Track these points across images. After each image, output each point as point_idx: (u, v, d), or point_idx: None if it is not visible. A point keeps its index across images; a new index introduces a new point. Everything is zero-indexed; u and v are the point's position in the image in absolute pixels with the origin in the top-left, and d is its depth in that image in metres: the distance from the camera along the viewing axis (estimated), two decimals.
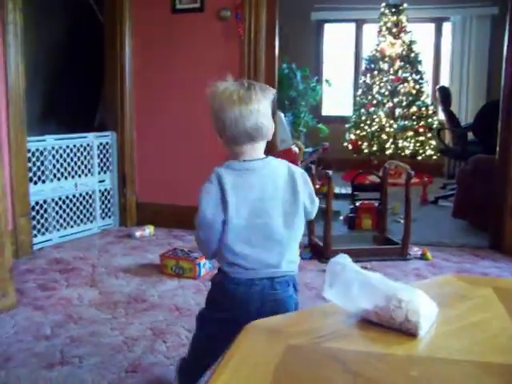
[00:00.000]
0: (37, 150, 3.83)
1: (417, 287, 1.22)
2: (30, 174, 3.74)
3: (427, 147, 7.03)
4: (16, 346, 2.32)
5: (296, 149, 5.53)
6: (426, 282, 1.74)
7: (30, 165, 3.73)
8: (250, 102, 1.56)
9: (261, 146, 1.64)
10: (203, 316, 1.78)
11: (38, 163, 3.86)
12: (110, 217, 4.42)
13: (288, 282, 1.64)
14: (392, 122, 7.03)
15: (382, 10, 7.22)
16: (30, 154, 3.73)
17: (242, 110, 1.55)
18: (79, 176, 4.15)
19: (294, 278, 1.67)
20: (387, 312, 1.14)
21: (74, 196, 4.12)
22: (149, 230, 4.12)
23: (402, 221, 4.10)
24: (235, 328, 1.19)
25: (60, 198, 4.02)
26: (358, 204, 4.33)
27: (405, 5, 7.16)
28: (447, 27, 7.88)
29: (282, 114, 5.09)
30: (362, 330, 1.18)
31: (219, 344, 1.22)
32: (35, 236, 3.80)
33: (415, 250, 3.71)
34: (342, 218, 4.59)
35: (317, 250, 3.65)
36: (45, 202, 3.92)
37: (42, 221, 3.89)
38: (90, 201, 4.25)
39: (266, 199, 1.57)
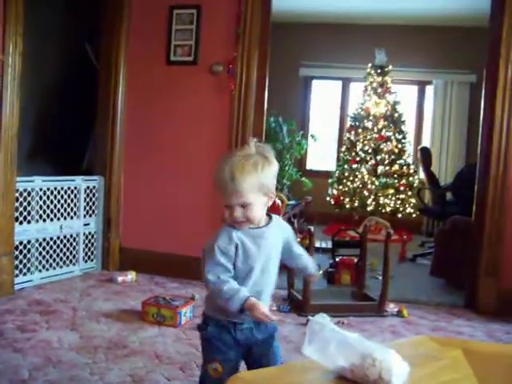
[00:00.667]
0: (24, 190, 3.88)
1: (391, 347, 1.30)
2: (16, 214, 3.79)
3: (407, 205, 7.19)
4: None
5: (279, 201, 5.63)
6: (400, 342, 1.81)
7: (16, 204, 3.78)
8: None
9: None
10: None
11: (25, 203, 3.90)
12: (92, 260, 4.45)
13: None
14: (374, 179, 7.19)
15: (368, 70, 7.47)
16: (17, 194, 3.78)
17: None
18: (64, 218, 4.19)
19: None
20: (362, 370, 1.21)
21: (58, 238, 4.16)
22: (131, 275, 4.15)
23: (380, 277, 4.19)
24: None
25: (44, 239, 4.06)
26: (337, 259, 4.42)
27: (390, 67, 7.41)
28: (430, 90, 8.16)
29: None
30: None
31: None
32: (17, 276, 3.81)
33: (392, 307, 3.77)
34: (321, 272, 4.66)
35: (296, 304, 3.70)
36: (29, 242, 3.95)
37: (24, 261, 3.91)
38: (74, 243, 4.29)
39: None
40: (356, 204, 7.21)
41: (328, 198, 7.48)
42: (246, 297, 1.66)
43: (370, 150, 7.30)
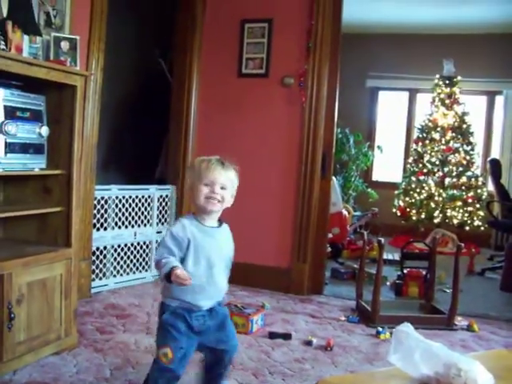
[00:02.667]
0: (102, 197, 4.05)
1: (473, 358, 1.32)
2: (94, 220, 3.96)
3: (475, 218, 7.06)
4: None
5: (346, 212, 5.66)
6: (481, 354, 1.82)
7: (94, 211, 3.95)
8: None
9: None
10: None
11: (102, 210, 4.07)
12: None
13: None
14: (441, 191, 7.10)
15: (436, 81, 7.40)
16: (95, 201, 3.95)
17: None
18: (138, 226, 4.35)
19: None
20: (447, 379, 1.24)
21: (132, 244, 4.32)
22: None
23: (448, 290, 4.16)
24: None
25: (119, 246, 4.22)
26: (405, 271, 4.40)
27: (458, 77, 7.32)
28: (499, 100, 7.99)
29: (334, 179, 5.24)
30: None
31: None
32: (93, 280, 3.98)
33: (460, 321, 3.73)
34: (388, 283, 4.66)
35: (364, 315, 3.72)
36: (105, 248, 4.12)
37: (100, 266, 4.08)
38: (147, 250, 4.44)
39: None
40: (422, 216, 7.13)
41: (394, 210, 7.43)
42: (174, 265, 1.94)
43: (437, 162, 7.22)
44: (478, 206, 7.07)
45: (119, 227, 4.21)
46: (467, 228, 7.05)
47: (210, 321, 2.15)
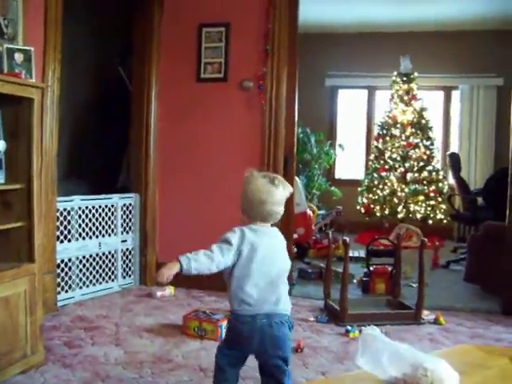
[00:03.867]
0: (64, 209, 4.00)
1: (439, 356, 1.34)
2: (57, 233, 3.90)
3: (438, 211, 7.18)
4: None
5: (310, 212, 5.69)
6: (446, 351, 1.85)
7: (57, 223, 3.90)
8: None
9: None
10: None
11: (65, 222, 4.02)
12: (130, 276, 4.55)
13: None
14: (403, 186, 7.20)
15: (394, 78, 7.50)
16: (57, 213, 3.90)
17: None
18: (103, 236, 4.30)
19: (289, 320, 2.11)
20: (415, 380, 1.26)
21: (97, 255, 4.27)
22: (169, 290, 4.24)
23: (415, 285, 4.22)
24: None
25: (84, 257, 4.17)
26: (372, 268, 4.45)
27: (415, 73, 7.43)
28: (456, 95, 8.15)
29: (298, 179, 5.27)
30: None
31: None
32: (59, 293, 3.92)
33: (427, 314, 3.79)
34: (355, 281, 4.70)
35: (333, 314, 3.74)
36: (69, 260, 4.07)
37: (66, 278, 4.02)
38: (113, 260, 4.40)
39: None
40: (386, 212, 7.23)
41: (358, 207, 7.50)
42: None
43: (398, 158, 7.32)
44: (439, 199, 7.19)
45: (83, 238, 4.16)
46: (430, 222, 7.17)
47: None
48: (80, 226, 4.12)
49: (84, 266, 4.18)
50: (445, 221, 7.18)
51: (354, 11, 7.11)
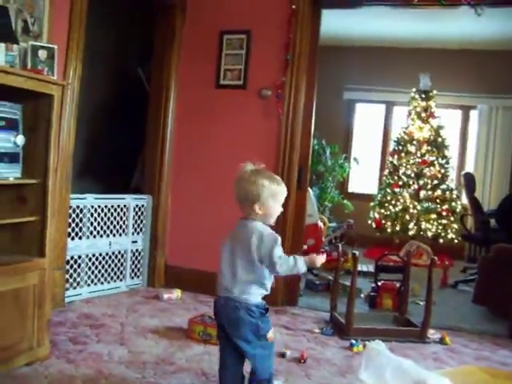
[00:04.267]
0: (77, 206, 4.03)
1: (442, 375, 1.34)
2: (69, 230, 3.93)
3: (449, 230, 7.15)
4: None
5: (321, 224, 5.68)
6: (450, 371, 1.85)
7: (69, 220, 3.92)
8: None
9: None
10: None
11: (77, 219, 4.05)
12: (138, 277, 4.57)
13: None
14: (416, 203, 7.19)
15: (412, 94, 7.50)
16: (70, 210, 3.93)
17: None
18: (114, 235, 4.33)
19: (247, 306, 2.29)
20: None
21: (106, 254, 4.30)
22: (176, 293, 4.25)
23: (422, 303, 4.19)
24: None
25: (94, 255, 4.20)
26: (380, 283, 4.44)
27: (434, 91, 7.42)
28: (474, 115, 8.11)
29: (311, 190, 5.27)
30: None
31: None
32: (67, 289, 3.94)
33: (432, 333, 3.76)
34: (362, 295, 4.68)
35: (338, 327, 3.73)
36: (79, 257, 4.10)
37: (74, 275, 4.05)
38: (122, 260, 4.42)
39: None
40: (397, 228, 7.21)
41: (369, 222, 7.49)
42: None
43: (412, 175, 7.31)
44: (452, 218, 7.16)
45: (94, 236, 4.18)
46: (441, 240, 7.14)
47: None
48: (92, 224, 4.15)
49: (93, 264, 4.21)
50: (456, 240, 7.15)
51: (374, 25, 7.10)
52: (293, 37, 4.21)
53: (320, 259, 2.34)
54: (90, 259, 4.18)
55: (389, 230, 7.28)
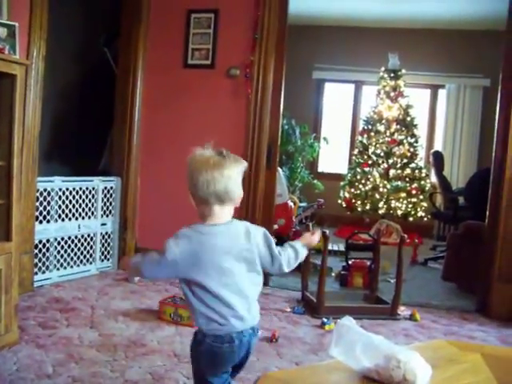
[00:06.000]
0: (44, 189, 3.96)
1: (412, 349, 1.35)
2: (36, 213, 3.86)
3: (419, 209, 7.22)
4: (18, 383, 2.40)
5: (291, 203, 5.69)
6: (419, 345, 1.86)
7: (36, 204, 3.86)
8: (223, 167, 1.76)
9: (228, 209, 1.84)
10: None
11: (45, 203, 3.98)
12: (108, 259, 4.52)
13: (254, 331, 1.78)
14: (386, 182, 7.23)
15: (381, 74, 7.50)
16: (37, 194, 3.86)
17: (215, 174, 1.75)
18: (82, 218, 4.27)
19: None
20: (387, 371, 1.27)
21: (76, 237, 4.24)
22: None
23: (392, 280, 4.24)
24: None
25: (62, 238, 4.14)
26: (350, 262, 4.47)
27: (403, 70, 7.44)
28: (442, 94, 8.18)
29: (280, 170, 5.26)
30: None
31: None
32: (35, 273, 3.89)
33: (402, 310, 3.81)
34: (333, 274, 4.71)
35: (310, 306, 3.75)
36: (48, 241, 4.03)
37: (43, 259, 3.99)
38: (91, 243, 4.37)
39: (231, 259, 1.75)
40: (367, 207, 7.25)
41: (339, 201, 7.52)
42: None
43: (382, 154, 7.35)
44: (421, 197, 7.22)
45: (63, 220, 4.12)
46: (411, 219, 7.21)
47: None
48: (60, 207, 4.09)
49: (62, 247, 4.15)
50: (425, 219, 7.22)
51: (344, 5, 7.10)
52: (261, 15, 4.17)
53: (315, 238, 1.98)
54: (58, 243, 4.12)
55: (359, 209, 7.33)
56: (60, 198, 4.08)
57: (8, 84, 2.70)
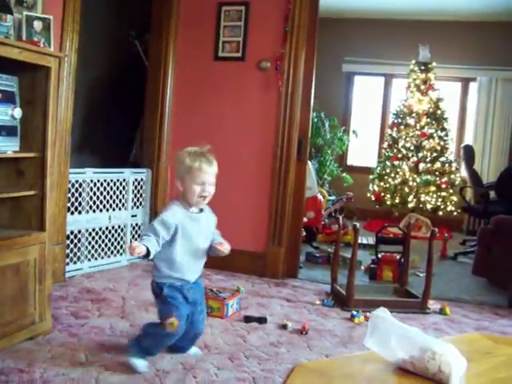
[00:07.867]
0: (76, 181, 4.01)
1: (447, 342, 1.34)
2: (68, 204, 3.91)
3: (448, 203, 7.15)
4: (53, 370, 2.44)
5: (321, 197, 5.68)
6: (454, 338, 1.85)
7: (68, 195, 3.91)
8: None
9: None
10: None
11: (77, 194, 4.03)
12: None
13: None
14: (415, 176, 7.17)
15: (412, 66, 7.43)
16: (69, 185, 3.91)
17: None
18: (113, 209, 4.32)
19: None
20: (422, 362, 1.26)
21: (106, 228, 4.29)
22: None
23: (422, 274, 4.21)
24: None
25: (94, 229, 4.19)
26: (380, 255, 4.45)
27: (433, 63, 7.36)
28: (473, 87, 8.06)
29: (310, 163, 5.25)
30: (398, 377, 1.29)
31: None
32: (67, 264, 3.94)
33: (432, 304, 3.78)
34: (363, 267, 4.70)
35: (339, 299, 3.75)
36: (79, 232, 4.09)
37: (75, 250, 4.05)
38: (122, 234, 4.41)
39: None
40: (397, 201, 7.20)
41: (368, 195, 7.48)
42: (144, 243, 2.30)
43: (411, 147, 7.28)
44: (451, 191, 7.15)
45: (94, 211, 4.17)
46: (440, 213, 7.14)
47: (197, 292, 2.55)
48: (91, 198, 4.14)
49: (93, 238, 4.20)
50: (455, 213, 7.15)
51: None
52: (292, 8, 4.15)
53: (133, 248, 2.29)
54: (90, 234, 4.17)
55: (388, 203, 7.28)
56: (91, 189, 4.13)
57: (42, 76, 2.73)
